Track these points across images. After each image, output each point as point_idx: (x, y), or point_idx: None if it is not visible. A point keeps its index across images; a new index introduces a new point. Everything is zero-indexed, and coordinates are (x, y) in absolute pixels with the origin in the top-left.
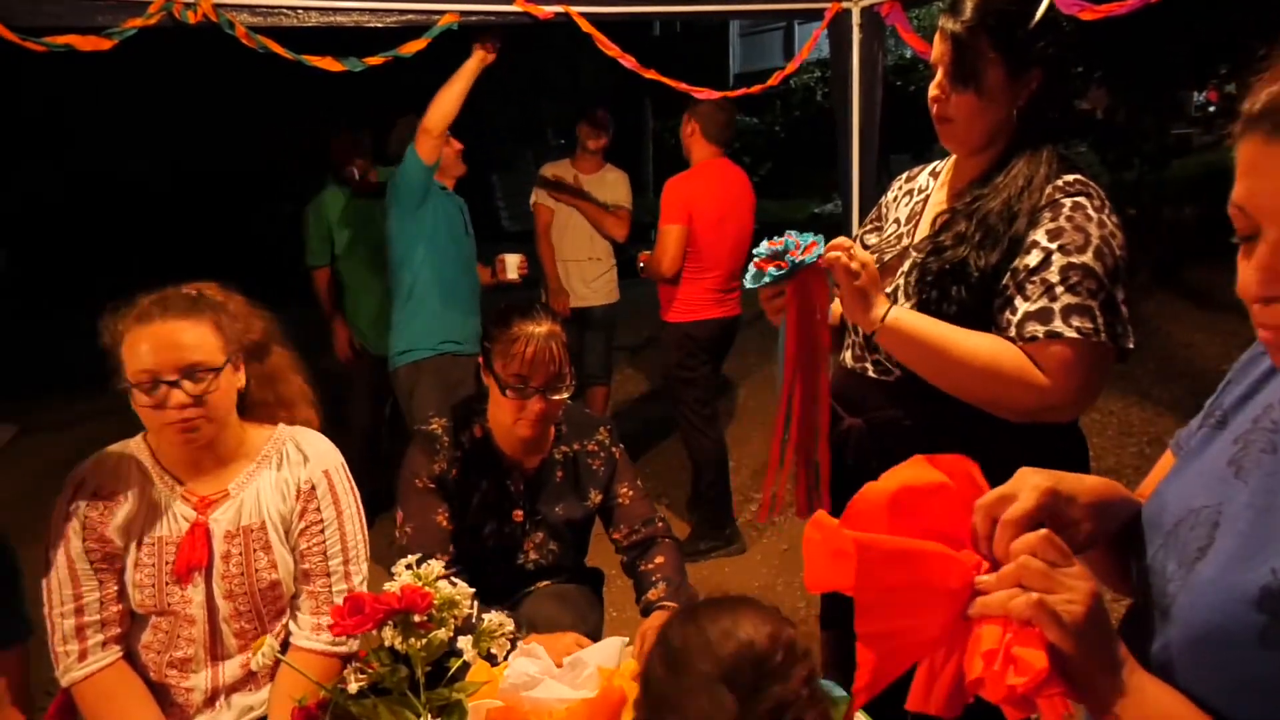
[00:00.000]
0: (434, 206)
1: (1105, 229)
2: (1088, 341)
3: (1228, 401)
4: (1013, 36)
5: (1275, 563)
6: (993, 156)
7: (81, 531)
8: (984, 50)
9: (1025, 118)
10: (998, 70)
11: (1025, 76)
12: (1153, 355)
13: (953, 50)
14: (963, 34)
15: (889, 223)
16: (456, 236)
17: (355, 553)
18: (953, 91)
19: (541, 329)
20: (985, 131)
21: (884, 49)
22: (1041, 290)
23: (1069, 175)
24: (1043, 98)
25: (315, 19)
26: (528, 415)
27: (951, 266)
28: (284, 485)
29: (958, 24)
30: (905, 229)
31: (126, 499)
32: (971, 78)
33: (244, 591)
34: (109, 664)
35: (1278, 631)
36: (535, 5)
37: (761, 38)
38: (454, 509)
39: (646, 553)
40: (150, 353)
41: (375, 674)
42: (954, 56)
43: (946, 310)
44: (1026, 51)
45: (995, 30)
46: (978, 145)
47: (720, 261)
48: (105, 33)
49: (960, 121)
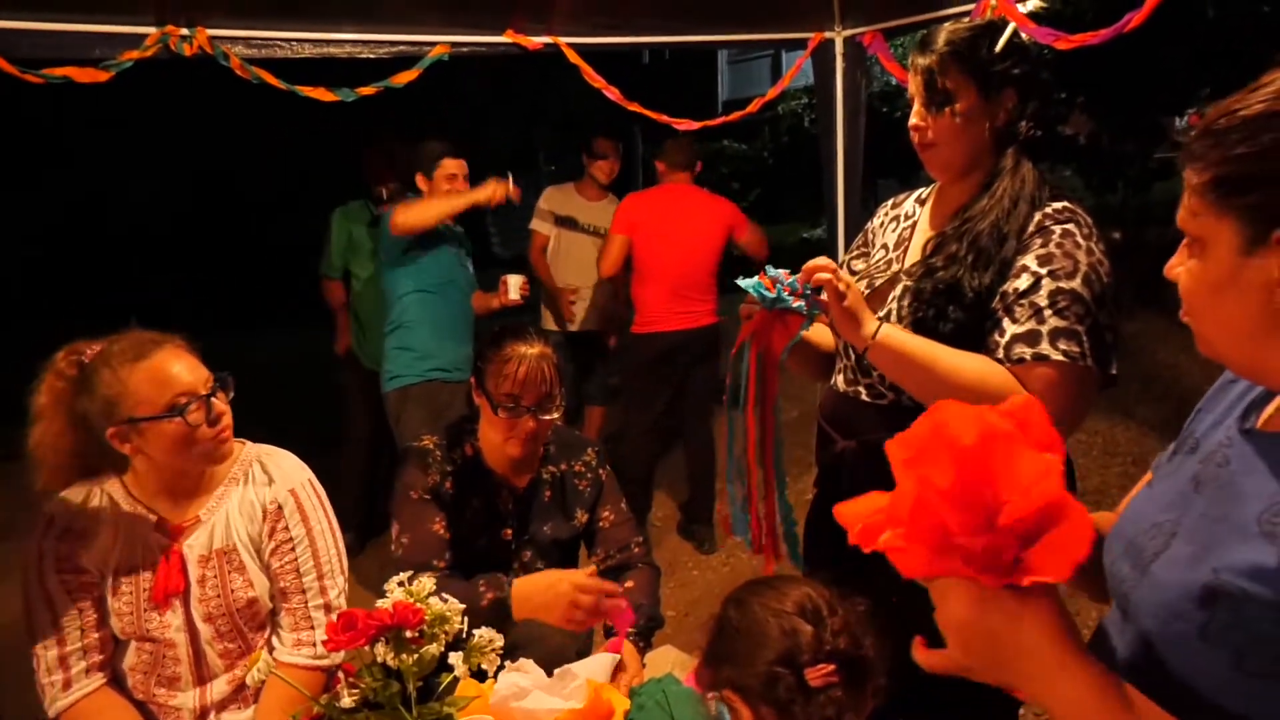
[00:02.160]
0: (423, 249)
1: (1093, 256)
2: (1074, 365)
3: (1200, 428)
4: (981, 60)
5: (1217, 563)
6: (978, 180)
7: (56, 564)
8: (956, 76)
9: (1003, 138)
10: (971, 93)
11: (999, 97)
12: (1137, 376)
13: (926, 80)
14: (934, 64)
15: (876, 248)
16: (448, 273)
17: (329, 567)
18: (931, 118)
19: (533, 350)
20: (967, 153)
21: (867, 77)
22: (1030, 313)
23: (1056, 203)
24: (1018, 117)
25: (309, 50)
26: (518, 434)
27: (946, 287)
28: (250, 507)
29: (928, 56)
30: (894, 254)
31: (99, 532)
32: (947, 102)
33: (223, 613)
34: (94, 690)
35: (1216, 627)
36: (524, 36)
37: (750, 65)
38: (448, 522)
39: (620, 576)
40: (183, 374)
41: (367, 688)
42: (928, 85)
43: (942, 330)
44: (996, 73)
45: (964, 57)
46: (961, 168)
47: (666, 275)
48: (102, 65)
49: (942, 146)
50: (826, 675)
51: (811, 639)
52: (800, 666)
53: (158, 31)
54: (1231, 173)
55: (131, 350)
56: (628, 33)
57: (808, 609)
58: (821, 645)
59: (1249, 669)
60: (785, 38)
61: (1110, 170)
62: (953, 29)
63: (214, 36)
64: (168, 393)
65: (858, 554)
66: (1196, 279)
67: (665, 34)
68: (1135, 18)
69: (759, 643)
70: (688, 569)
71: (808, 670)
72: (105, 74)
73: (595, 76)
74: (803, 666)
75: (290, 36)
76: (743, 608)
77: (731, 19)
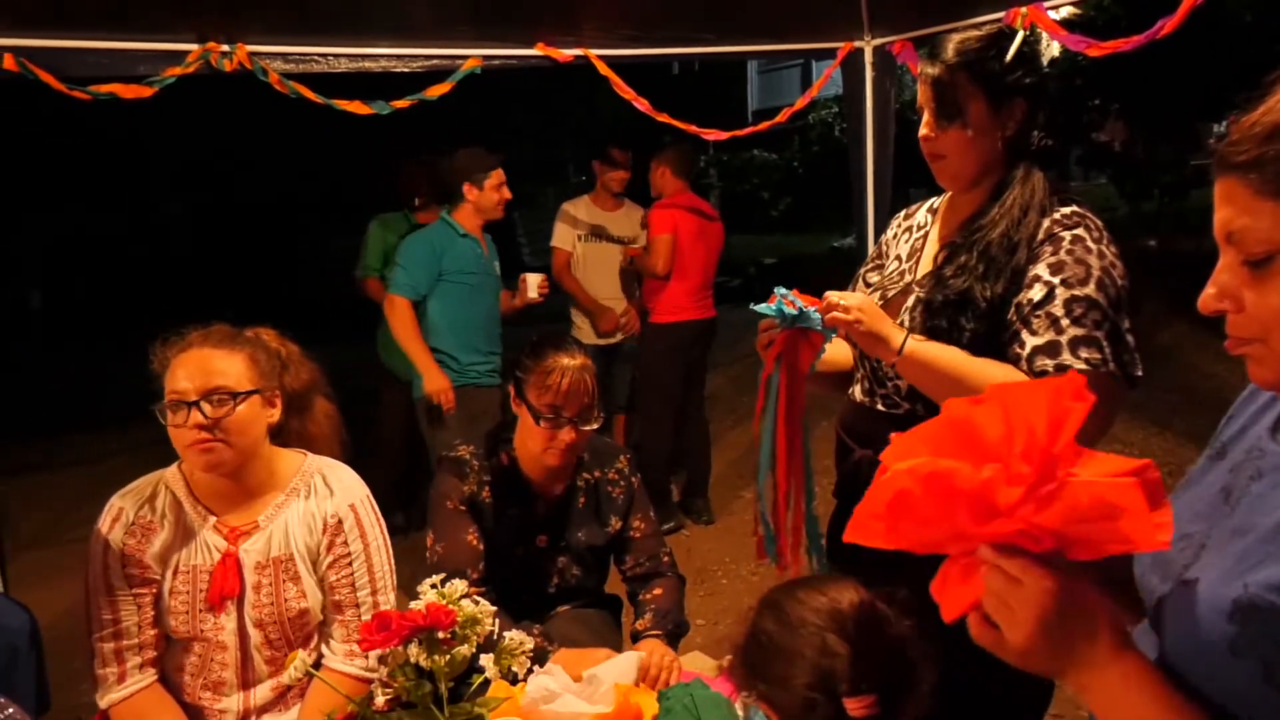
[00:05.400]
0: (450, 258)
1: (1105, 260)
2: (1096, 372)
3: (1227, 434)
4: (990, 70)
5: (1249, 578)
6: (988, 189)
7: (120, 557)
8: (965, 86)
9: (1014, 147)
10: (980, 103)
11: (1008, 107)
12: (1174, 386)
13: (935, 91)
14: (943, 74)
15: (890, 260)
16: (475, 278)
17: (383, 583)
18: (940, 129)
19: (575, 361)
20: (977, 164)
21: (897, 86)
22: (1048, 324)
23: (1065, 209)
24: (1029, 126)
25: (345, 65)
26: (558, 444)
27: (958, 296)
28: (311, 518)
29: (937, 66)
30: (907, 265)
31: (162, 528)
32: (957, 113)
33: (274, 620)
34: (146, 686)
35: (1246, 640)
36: (555, 49)
37: (780, 74)
38: (483, 530)
39: (648, 584)
40: (183, 376)
41: (400, 688)
42: (937, 96)
43: (956, 339)
44: (1006, 83)
45: (973, 66)
46: (971, 178)
47: (696, 270)
48: (146, 81)
49: (952, 157)
50: (867, 707)
51: (849, 664)
52: (839, 695)
53: (199, 49)
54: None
55: (187, 341)
56: (657, 44)
57: (849, 625)
58: (862, 673)
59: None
60: (814, 47)
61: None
62: (961, 39)
63: (253, 53)
64: (169, 390)
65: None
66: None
67: (695, 45)
68: (1168, 24)
69: (794, 662)
70: (717, 578)
71: (846, 700)
72: (149, 90)
73: (625, 88)
74: (840, 695)
75: (326, 51)
76: (779, 616)
77: (761, 29)
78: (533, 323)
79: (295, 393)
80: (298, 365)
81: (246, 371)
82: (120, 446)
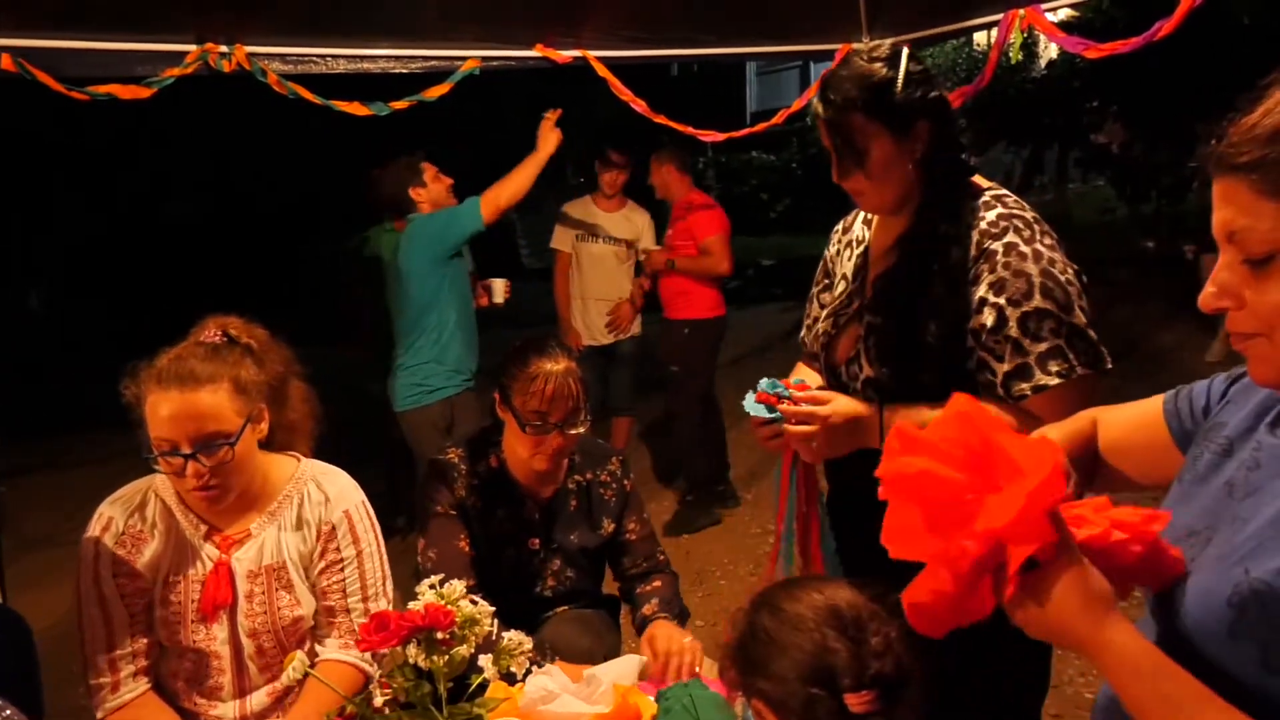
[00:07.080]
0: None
1: (1042, 261)
2: (1069, 380)
3: (1231, 426)
4: (885, 102)
5: (1249, 564)
6: (913, 209)
7: (111, 565)
8: (863, 126)
9: (928, 165)
10: (883, 139)
11: (913, 132)
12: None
13: (834, 135)
14: (838, 118)
15: (837, 279)
16: (465, 282)
17: (375, 589)
18: (848, 174)
19: (559, 366)
20: (894, 193)
21: None
22: (1010, 349)
23: (989, 214)
24: (937, 142)
25: (344, 66)
26: (545, 450)
27: (906, 323)
28: (305, 526)
29: (830, 110)
30: (854, 285)
31: (153, 537)
32: (862, 155)
33: (267, 629)
34: (140, 694)
35: (1245, 624)
36: (554, 50)
37: (778, 76)
38: (473, 536)
39: (646, 579)
40: (168, 422)
41: (399, 688)
42: (837, 141)
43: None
44: (904, 110)
45: (868, 104)
46: (893, 206)
47: (725, 269)
48: (144, 82)
49: (868, 193)
50: (868, 703)
51: (849, 659)
52: (840, 690)
53: (197, 49)
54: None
55: (162, 372)
56: (656, 46)
57: (846, 622)
58: (862, 668)
59: (1276, 665)
60: (813, 49)
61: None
62: (847, 75)
63: (251, 53)
64: (154, 432)
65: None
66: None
67: (694, 47)
68: (1166, 26)
69: (793, 658)
70: (716, 579)
71: (848, 696)
72: (147, 90)
73: (623, 89)
74: (842, 691)
75: (325, 52)
76: (776, 614)
77: (759, 31)
78: (536, 324)
79: (272, 386)
80: (269, 353)
81: (233, 403)
82: (121, 448)
